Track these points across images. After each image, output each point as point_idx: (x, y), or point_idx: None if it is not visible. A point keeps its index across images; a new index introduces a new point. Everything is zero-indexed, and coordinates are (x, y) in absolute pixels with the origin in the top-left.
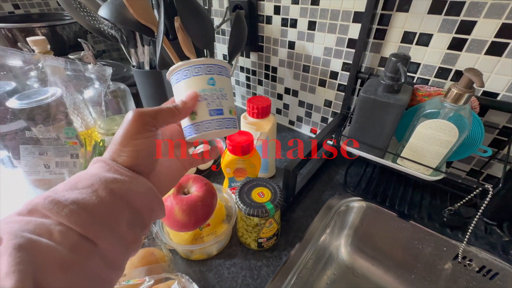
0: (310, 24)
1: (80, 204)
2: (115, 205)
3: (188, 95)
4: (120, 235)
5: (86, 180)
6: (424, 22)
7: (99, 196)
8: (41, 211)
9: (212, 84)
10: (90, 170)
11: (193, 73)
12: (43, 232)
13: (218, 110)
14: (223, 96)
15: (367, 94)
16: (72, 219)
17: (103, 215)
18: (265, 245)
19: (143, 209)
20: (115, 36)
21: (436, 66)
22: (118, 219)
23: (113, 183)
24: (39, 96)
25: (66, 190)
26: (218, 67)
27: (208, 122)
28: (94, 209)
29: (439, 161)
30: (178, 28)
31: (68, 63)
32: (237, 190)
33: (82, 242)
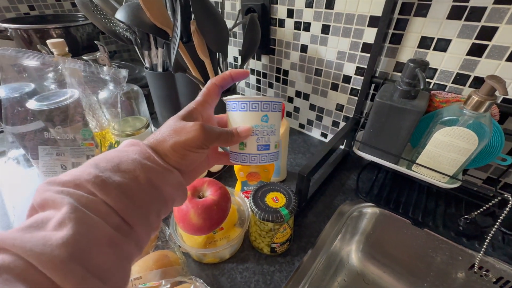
0: (324, 27)
1: (124, 189)
2: (151, 194)
3: (244, 130)
4: (150, 222)
5: (128, 164)
6: (442, 27)
7: (140, 183)
8: (88, 187)
9: (265, 121)
10: (129, 154)
11: (250, 108)
12: (94, 208)
13: (266, 146)
14: (273, 132)
15: (383, 99)
16: (117, 203)
17: (140, 203)
18: (278, 250)
19: (169, 199)
20: (129, 38)
21: (454, 72)
22: (151, 207)
23: (151, 173)
24: (57, 98)
25: (110, 170)
26: (274, 104)
27: (254, 156)
28: (134, 196)
29: (456, 169)
30: (194, 31)
31: (87, 66)
32: (251, 194)
33: (123, 225)
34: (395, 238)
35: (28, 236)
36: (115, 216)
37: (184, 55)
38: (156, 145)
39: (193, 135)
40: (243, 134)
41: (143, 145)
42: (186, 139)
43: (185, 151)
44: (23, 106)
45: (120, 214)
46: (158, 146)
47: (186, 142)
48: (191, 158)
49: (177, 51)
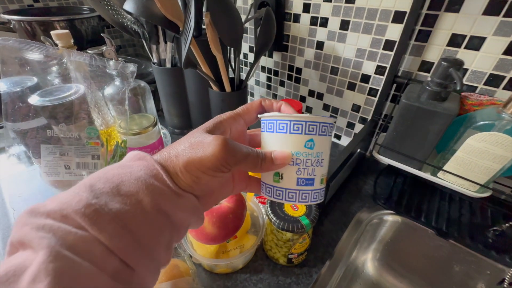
0: (343, 23)
1: (124, 221)
2: (158, 224)
3: (280, 155)
4: (158, 259)
5: (131, 184)
6: (476, 24)
7: (144, 211)
8: (76, 220)
9: (310, 147)
10: (133, 171)
11: (291, 130)
12: (83, 250)
13: (309, 180)
14: (319, 163)
15: (410, 101)
16: (115, 241)
17: (145, 237)
18: (295, 260)
19: (182, 226)
20: (137, 31)
21: (486, 73)
22: (159, 239)
23: (160, 197)
24: (61, 93)
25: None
26: (323, 125)
27: (292, 192)
28: (137, 228)
29: (489, 178)
30: (207, 24)
31: (93, 59)
32: (268, 201)
33: (123, 269)
34: (416, 248)
35: None
36: (113, 258)
37: (195, 50)
38: (168, 161)
39: (211, 152)
40: (278, 160)
41: (151, 160)
42: (201, 157)
43: (199, 172)
44: (25, 101)
45: (118, 254)
46: (170, 163)
47: (201, 160)
48: (206, 182)
49: (189, 45)
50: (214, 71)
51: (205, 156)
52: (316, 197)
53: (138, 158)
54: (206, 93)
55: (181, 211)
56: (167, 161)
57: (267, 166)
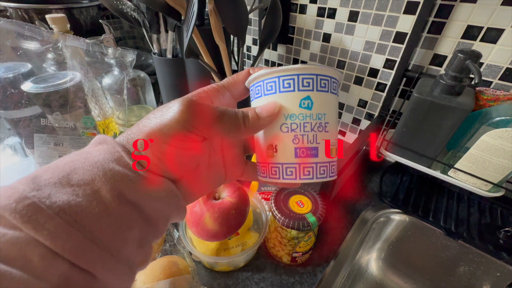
0: (352, 14)
1: (73, 215)
2: (123, 215)
3: (267, 108)
4: (128, 260)
5: (85, 172)
6: (495, 15)
7: (102, 201)
8: (10, 220)
9: (307, 107)
10: (91, 156)
11: (281, 88)
12: (16, 256)
13: (310, 150)
14: (322, 127)
15: (423, 95)
16: (59, 242)
17: (105, 234)
18: (299, 259)
19: (159, 219)
20: (137, 19)
21: (503, 67)
22: (125, 236)
23: (124, 183)
24: (56, 80)
25: (53, 184)
26: (322, 78)
27: (291, 167)
28: (93, 224)
29: (503, 176)
30: (211, 11)
31: (90, 45)
32: (273, 197)
33: (76, 275)
34: (422, 248)
35: None
36: (59, 262)
37: (197, 40)
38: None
39: (171, 114)
40: (265, 112)
41: (112, 141)
42: (160, 124)
43: (162, 144)
44: (17, 88)
45: (67, 257)
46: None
47: (161, 129)
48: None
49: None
50: (216, 62)
51: (164, 121)
52: (324, 172)
53: (98, 143)
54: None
55: (153, 200)
56: (131, 140)
57: (253, 123)
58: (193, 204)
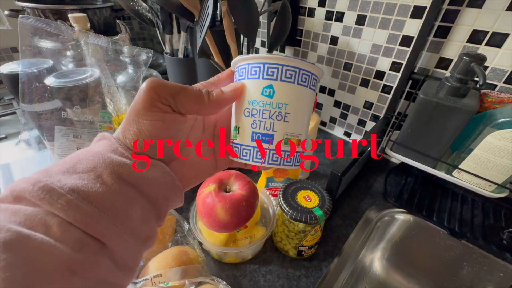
0: (359, 18)
1: (81, 194)
2: (124, 194)
3: (230, 85)
4: (133, 232)
5: (88, 161)
6: (500, 19)
7: (104, 183)
8: (27, 198)
9: (268, 95)
10: (93, 149)
11: (249, 74)
12: (37, 224)
13: (265, 136)
14: (281, 116)
15: (429, 96)
16: (73, 213)
17: (111, 209)
18: (305, 253)
19: (159, 198)
20: (151, 19)
21: (507, 71)
22: (128, 212)
23: (122, 168)
24: (77, 76)
25: (62, 173)
26: (289, 69)
27: (247, 149)
28: (98, 200)
29: (507, 177)
30: (224, 12)
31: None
32: (281, 191)
33: (87, 241)
34: (425, 247)
35: None
36: (72, 230)
37: (209, 40)
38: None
39: (140, 90)
40: (227, 88)
41: (110, 136)
42: (135, 100)
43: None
44: (41, 82)
45: (80, 227)
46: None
47: (135, 103)
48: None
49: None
50: (226, 62)
51: (137, 98)
52: (278, 160)
53: (99, 139)
54: None
55: (150, 181)
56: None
57: (217, 97)
58: (205, 195)
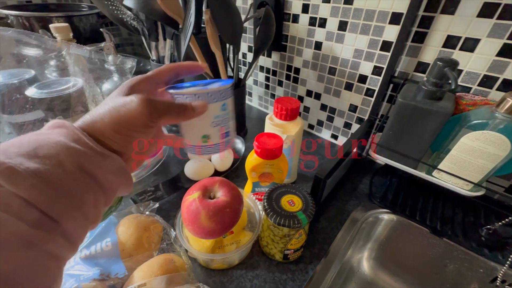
0: (341, 24)
1: (44, 178)
2: (83, 182)
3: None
4: (85, 215)
5: (50, 148)
6: (471, 25)
7: (66, 170)
8: None
9: (224, 110)
10: (52, 136)
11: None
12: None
13: (227, 133)
14: (232, 118)
15: (407, 100)
16: (34, 194)
17: (69, 192)
18: (291, 257)
19: (110, 188)
20: (136, 28)
21: (480, 74)
22: (84, 197)
23: (82, 157)
24: (59, 86)
25: (22, 155)
26: (230, 89)
27: (219, 145)
28: (59, 184)
29: (482, 176)
30: (207, 21)
31: (93, 53)
32: (265, 196)
33: (44, 220)
34: (410, 246)
35: None
36: (32, 210)
37: (194, 47)
38: (91, 126)
39: (136, 110)
40: (199, 108)
41: (71, 126)
42: (129, 118)
43: (130, 131)
44: (22, 93)
45: (39, 207)
46: (94, 127)
47: (129, 121)
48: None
49: (189, 42)
50: (212, 69)
51: (132, 115)
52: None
53: (56, 126)
54: None
55: (107, 172)
56: (91, 123)
57: (190, 113)
58: (189, 203)
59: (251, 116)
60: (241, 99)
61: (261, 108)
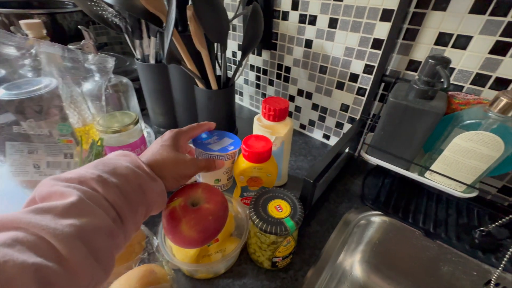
0: (331, 21)
1: (120, 189)
2: (139, 196)
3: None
4: (135, 221)
5: (122, 169)
6: (463, 22)
7: (131, 187)
8: (91, 184)
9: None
10: (122, 162)
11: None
12: (96, 202)
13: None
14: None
15: (398, 99)
16: (115, 199)
17: (132, 202)
18: (280, 264)
19: (151, 204)
20: (119, 25)
21: (473, 72)
22: (138, 207)
23: (141, 179)
24: (30, 87)
25: (107, 172)
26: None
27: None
28: (128, 195)
29: (475, 177)
30: (190, 17)
31: (66, 51)
32: (252, 202)
33: (118, 219)
34: (403, 249)
35: (39, 216)
36: (113, 210)
37: (179, 45)
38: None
39: (192, 170)
40: (219, 166)
41: (134, 156)
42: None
43: (183, 179)
44: None
45: (116, 209)
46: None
47: (187, 174)
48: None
49: (171, 39)
50: (200, 68)
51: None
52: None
53: (123, 155)
54: (192, 91)
55: (153, 192)
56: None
57: (212, 169)
58: (170, 211)
59: (242, 116)
60: (230, 99)
61: (252, 108)
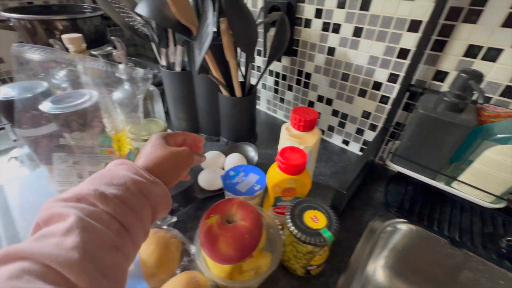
0: (356, 30)
1: (120, 199)
2: (142, 202)
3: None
4: (143, 225)
5: (119, 178)
6: (494, 35)
7: (132, 193)
8: (90, 200)
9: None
10: (118, 171)
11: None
12: (96, 218)
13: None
14: None
15: (427, 111)
16: (117, 210)
17: (135, 208)
18: (313, 272)
19: (157, 207)
20: (146, 34)
21: (502, 84)
22: (142, 212)
23: (140, 184)
24: (74, 100)
25: (105, 184)
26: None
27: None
28: (129, 203)
29: (505, 189)
30: (224, 30)
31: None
32: (289, 213)
33: (121, 229)
34: (427, 256)
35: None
36: (115, 222)
37: (207, 55)
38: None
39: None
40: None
41: (130, 163)
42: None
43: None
44: (37, 108)
45: (118, 219)
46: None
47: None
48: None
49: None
50: (224, 75)
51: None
52: None
53: (119, 164)
54: (215, 98)
55: (156, 196)
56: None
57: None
58: (207, 228)
59: (259, 120)
60: (253, 106)
61: (269, 112)
